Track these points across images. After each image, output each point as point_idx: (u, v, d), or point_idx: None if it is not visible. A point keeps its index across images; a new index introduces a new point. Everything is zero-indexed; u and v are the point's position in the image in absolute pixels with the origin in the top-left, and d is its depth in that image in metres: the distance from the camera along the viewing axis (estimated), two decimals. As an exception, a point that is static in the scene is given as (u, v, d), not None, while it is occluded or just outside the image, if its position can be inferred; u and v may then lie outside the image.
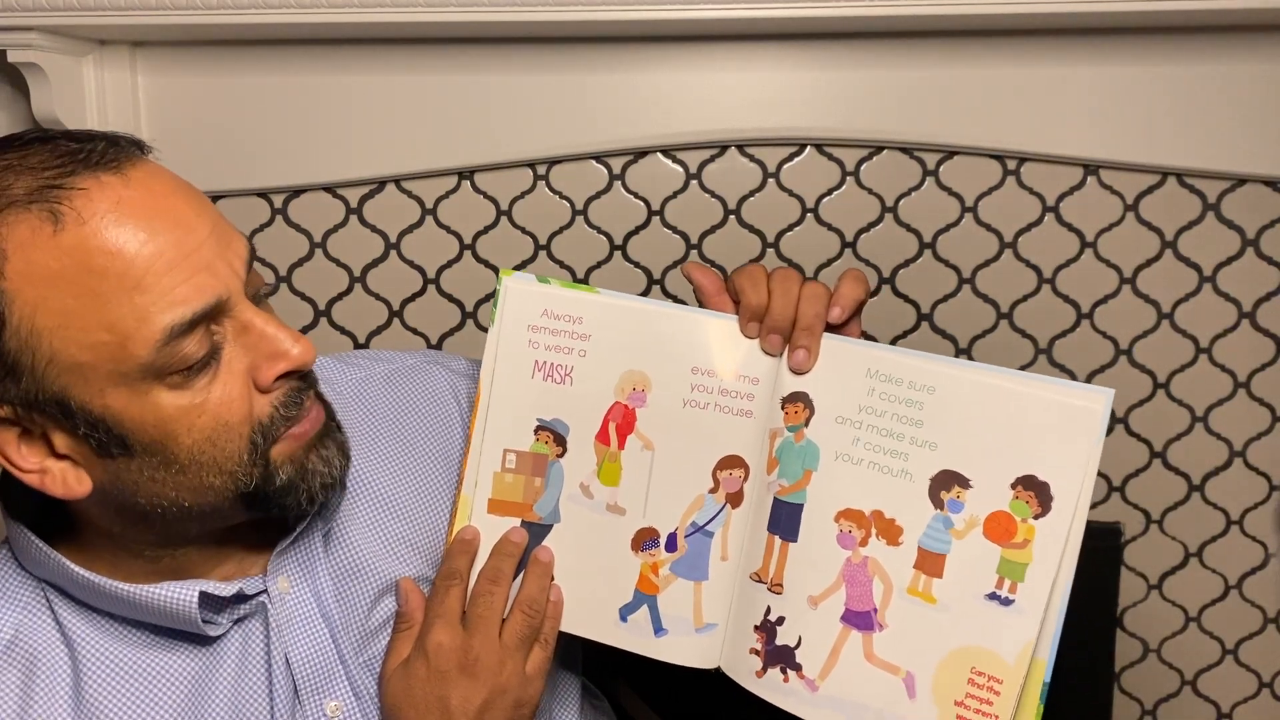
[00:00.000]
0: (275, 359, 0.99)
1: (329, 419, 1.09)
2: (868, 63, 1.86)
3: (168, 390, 0.95)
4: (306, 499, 1.05)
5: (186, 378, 0.95)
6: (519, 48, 1.88)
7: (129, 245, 0.91)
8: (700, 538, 1.18)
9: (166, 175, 0.97)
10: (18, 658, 1.03)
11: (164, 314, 0.92)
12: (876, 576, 1.10)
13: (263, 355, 0.99)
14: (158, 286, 0.92)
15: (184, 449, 0.97)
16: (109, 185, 0.92)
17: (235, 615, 1.09)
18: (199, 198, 0.98)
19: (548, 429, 1.19)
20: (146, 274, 0.91)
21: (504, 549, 1.18)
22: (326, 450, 1.06)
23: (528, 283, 1.19)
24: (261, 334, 0.99)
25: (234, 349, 0.98)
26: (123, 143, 0.98)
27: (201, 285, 0.94)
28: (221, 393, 0.97)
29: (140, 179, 0.94)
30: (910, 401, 1.09)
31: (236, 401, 0.98)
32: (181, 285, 0.93)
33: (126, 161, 0.95)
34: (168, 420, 0.96)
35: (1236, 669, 2.04)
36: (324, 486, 1.06)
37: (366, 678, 1.15)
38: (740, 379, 1.16)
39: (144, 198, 0.93)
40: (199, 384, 0.96)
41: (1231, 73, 1.81)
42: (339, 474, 1.08)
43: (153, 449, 0.97)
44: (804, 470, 1.14)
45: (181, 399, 0.96)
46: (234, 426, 0.98)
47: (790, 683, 1.13)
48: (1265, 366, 1.93)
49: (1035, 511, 1.04)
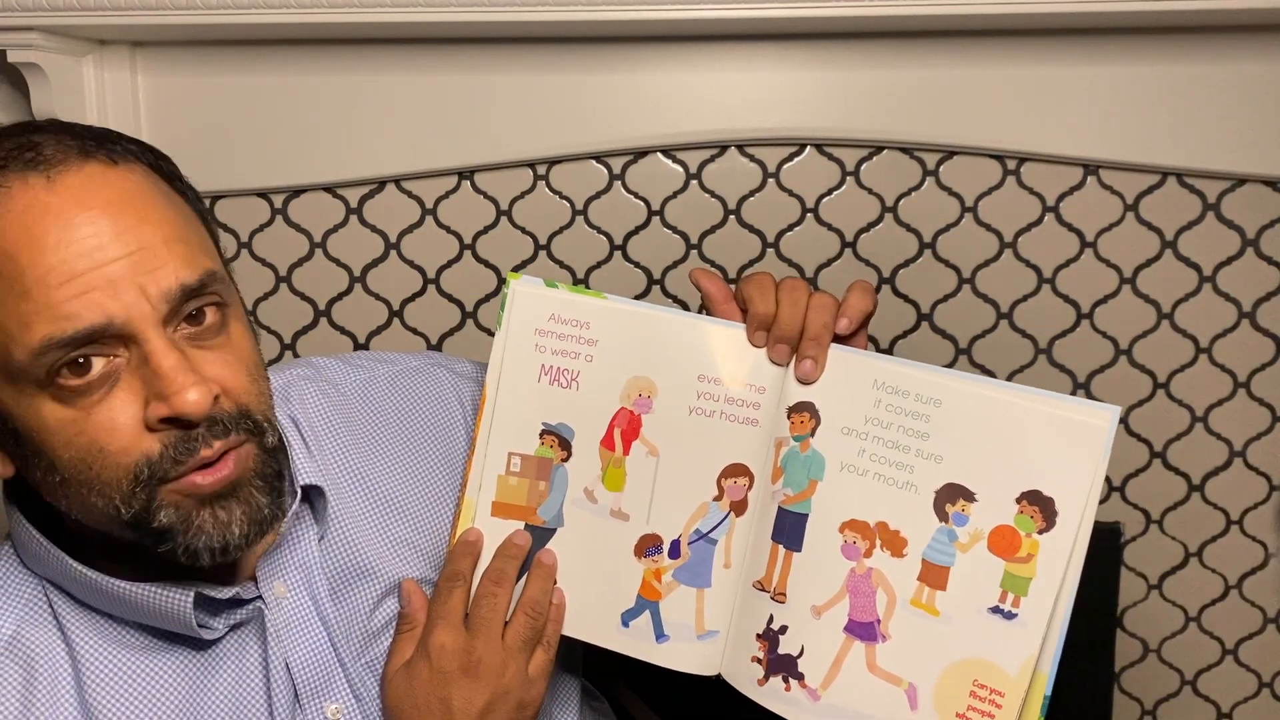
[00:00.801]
0: (160, 400, 0.94)
1: (253, 479, 1.02)
2: (868, 63, 1.86)
3: (51, 400, 0.93)
4: (185, 552, 0.99)
5: (74, 393, 0.93)
6: (519, 48, 1.88)
7: (25, 252, 0.90)
8: (704, 545, 1.18)
9: (112, 190, 0.95)
10: (19, 655, 1.03)
11: (44, 325, 0.91)
12: (880, 588, 1.10)
13: (153, 393, 0.94)
14: (46, 298, 0.90)
15: (63, 462, 0.95)
16: (32, 188, 0.92)
17: (232, 620, 1.09)
18: (144, 218, 0.95)
19: (553, 433, 1.19)
20: (36, 284, 0.90)
21: (507, 551, 1.19)
22: (225, 512, 1.00)
23: (536, 287, 1.18)
24: (156, 369, 0.94)
25: (131, 378, 0.95)
26: (115, 146, 0.97)
27: (93, 303, 0.91)
28: (104, 417, 0.94)
29: (70, 186, 0.93)
30: (916, 414, 1.09)
31: (119, 430, 0.94)
32: (71, 301, 0.91)
33: (70, 167, 0.94)
34: (48, 430, 0.94)
35: (1236, 669, 2.04)
36: (208, 549, 0.99)
37: (368, 679, 1.15)
38: (747, 388, 1.16)
39: (62, 207, 0.92)
40: (85, 402, 0.94)
41: (1231, 73, 1.82)
42: (235, 540, 1.00)
43: (38, 453, 0.96)
44: (809, 480, 1.14)
45: (64, 413, 0.94)
46: (111, 454, 0.95)
47: (792, 692, 1.14)
48: (1265, 366, 1.93)
49: (1040, 526, 1.04)
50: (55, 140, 0.95)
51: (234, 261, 1.99)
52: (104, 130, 1.00)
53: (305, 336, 2.03)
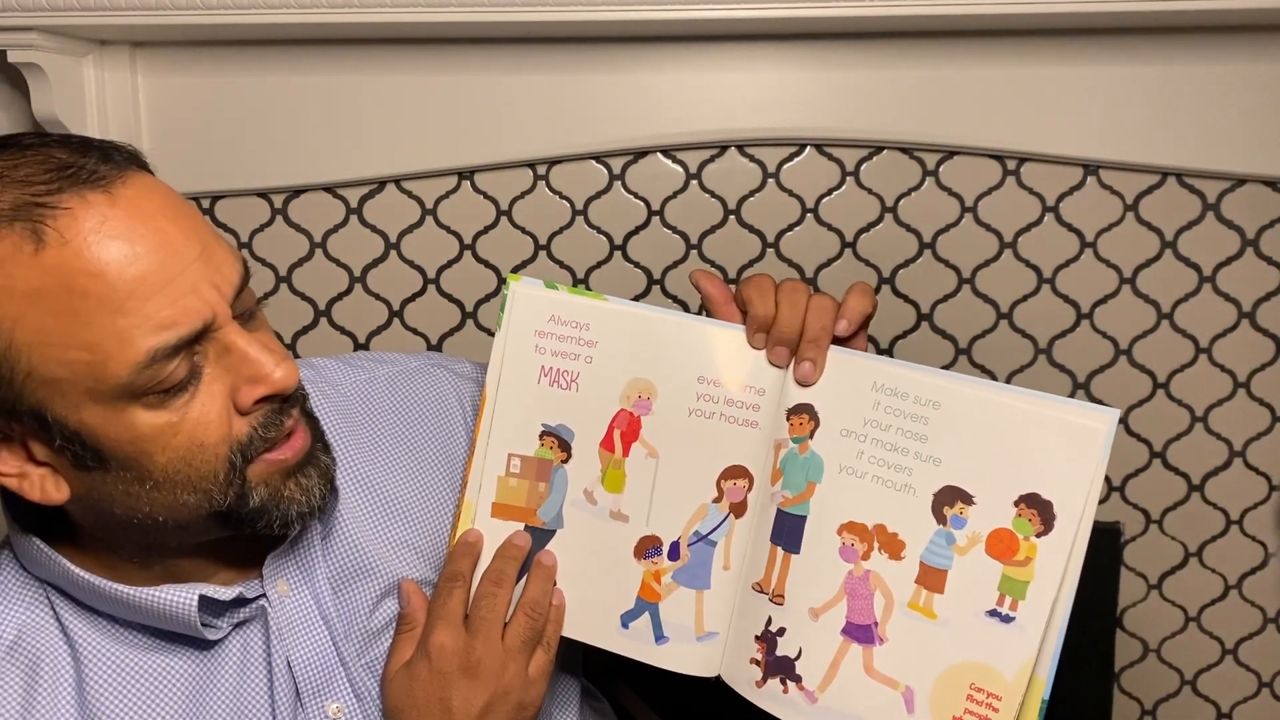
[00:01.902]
0: (255, 383, 0.98)
1: (315, 442, 1.08)
2: (868, 63, 1.86)
3: (144, 409, 0.94)
4: (280, 524, 1.04)
5: (164, 398, 0.94)
6: (519, 48, 1.88)
7: (111, 267, 0.90)
8: (703, 547, 1.18)
9: (158, 194, 0.96)
10: (21, 658, 1.03)
11: (147, 338, 0.91)
12: (878, 590, 1.10)
13: (243, 378, 0.98)
14: (141, 310, 0.91)
15: (159, 466, 0.96)
16: (94, 205, 0.91)
17: (235, 619, 1.09)
18: (190, 217, 0.97)
19: (553, 434, 1.20)
20: (129, 297, 0.90)
21: (507, 552, 1.19)
22: (306, 479, 1.06)
23: (536, 288, 1.19)
24: (243, 356, 0.98)
25: (215, 370, 0.97)
26: (117, 156, 0.96)
27: (187, 309, 0.93)
28: (199, 413, 0.96)
29: (129, 198, 0.93)
30: (915, 416, 1.09)
31: (214, 423, 0.97)
32: (166, 309, 0.92)
33: (117, 179, 0.93)
34: (143, 439, 0.95)
35: (1236, 669, 2.04)
36: (299, 515, 1.05)
37: (368, 679, 1.15)
38: (746, 389, 1.16)
39: (130, 218, 0.92)
40: (176, 404, 0.95)
41: (1231, 73, 1.81)
42: (318, 502, 1.06)
43: (128, 464, 0.96)
44: (808, 482, 1.14)
45: (158, 418, 0.95)
46: (210, 447, 0.98)
47: (790, 694, 1.14)
48: (1265, 366, 1.93)
49: (1038, 529, 1.04)
50: (76, 154, 0.94)
51: (234, 261, 1.99)
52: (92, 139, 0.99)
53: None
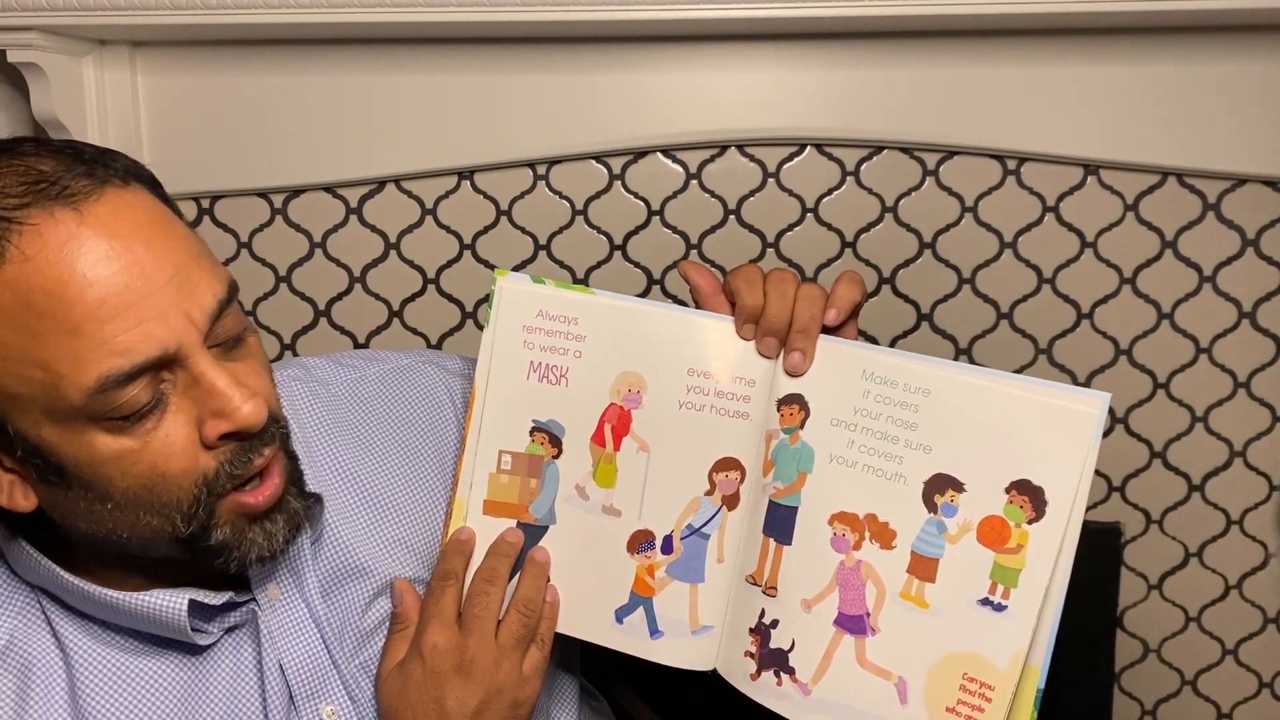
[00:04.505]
0: (219, 417, 0.95)
1: (290, 486, 1.05)
2: (868, 63, 1.86)
3: (104, 433, 0.92)
4: (237, 564, 1.02)
5: (125, 423, 0.92)
6: (519, 47, 1.89)
7: (71, 288, 0.88)
8: (696, 540, 1.18)
9: (134, 213, 0.94)
10: (13, 662, 1.03)
11: (100, 362, 0.89)
12: (869, 580, 1.10)
13: (209, 411, 0.95)
14: (98, 334, 0.89)
15: (119, 490, 0.95)
16: (62, 222, 0.89)
17: (226, 624, 1.09)
18: (169, 238, 0.95)
19: (543, 430, 1.19)
20: (87, 319, 0.89)
21: (500, 549, 1.18)
22: (272, 524, 1.03)
23: (523, 283, 1.19)
24: (210, 389, 0.95)
25: (182, 400, 0.95)
26: (103, 170, 0.94)
27: (147, 335, 0.91)
28: (162, 443, 0.94)
29: (101, 217, 0.91)
30: (905, 404, 1.09)
31: (178, 454, 0.95)
32: (124, 334, 0.90)
33: (91, 196, 0.91)
34: (101, 461, 0.94)
35: (1236, 669, 2.04)
36: (259, 559, 1.03)
37: (362, 680, 1.15)
38: (736, 381, 1.16)
39: (98, 238, 0.90)
40: (139, 430, 0.93)
41: (1231, 73, 1.81)
42: (280, 547, 1.04)
43: (88, 484, 0.95)
44: (799, 472, 1.13)
45: (118, 443, 0.93)
46: (172, 477, 0.96)
47: (784, 686, 1.13)
48: (1265, 366, 1.93)
49: (1029, 516, 1.03)
50: (61, 166, 0.93)
51: (234, 262, 2.00)
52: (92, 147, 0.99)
53: (305, 336, 2.03)
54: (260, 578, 1.10)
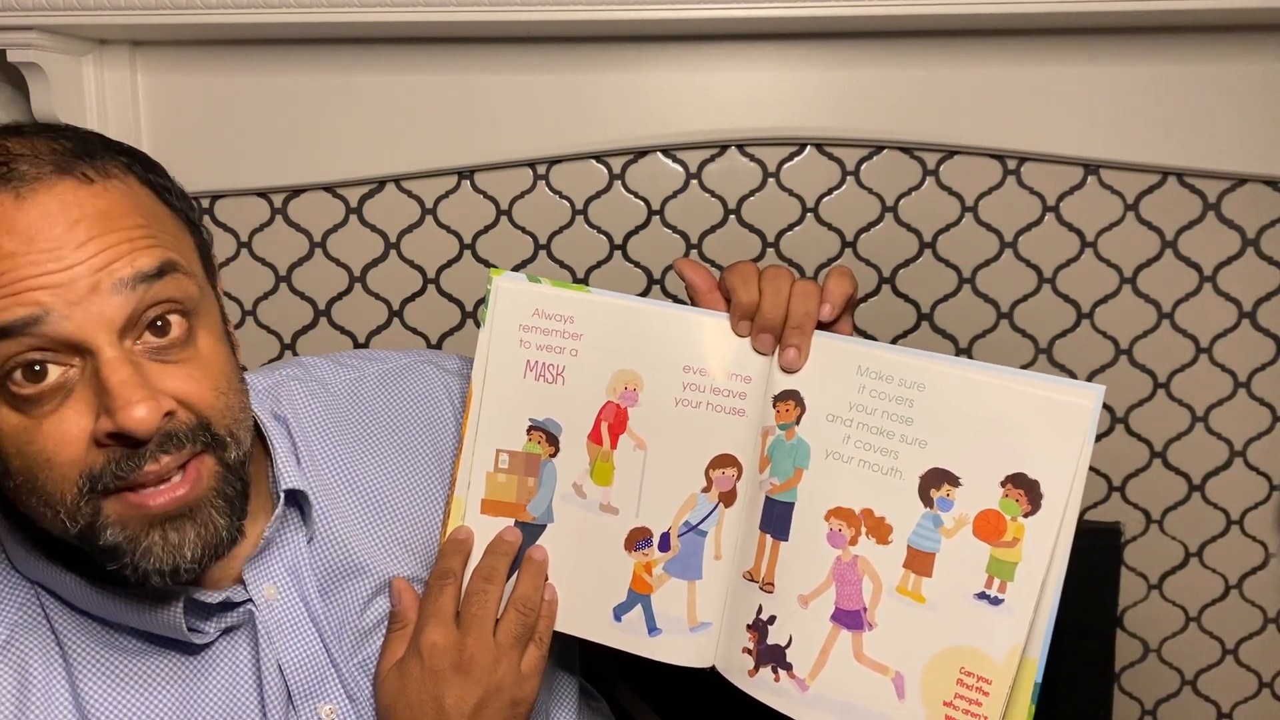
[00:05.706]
0: (107, 415, 0.92)
1: (215, 499, 1.00)
2: (868, 63, 1.86)
3: (7, 406, 0.92)
4: (135, 574, 0.96)
5: (28, 401, 0.92)
6: (519, 48, 1.89)
7: None
8: (693, 537, 1.18)
9: (80, 209, 0.93)
10: (13, 657, 1.03)
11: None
12: (866, 575, 1.10)
13: (102, 407, 0.92)
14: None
15: (15, 470, 0.94)
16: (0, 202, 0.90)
17: (223, 624, 1.09)
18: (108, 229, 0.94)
19: (540, 429, 1.19)
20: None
21: (498, 548, 1.19)
22: (177, 533, 0.97)
23: (518, 282, 1.19)
24: (104, 385, 0.92)
25: (84, 390, 0.93)
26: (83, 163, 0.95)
27: (29, 302, 0.90)
28: (55, 428, 0.92)
29: (38, 204, 0.91)
30: (900, 399, 1.09)
31: (69, 443, 0.93)
32: (8, 298, 0.89)
33: (39, 186, 0.92)
34: (2, 435, 0.93)
35: (1236, 669, 2.04)
36: (159, 571, 0.96)
37: (360, 679, 1.15)
38: (732, 377, 1.16)
39: (28, 223, 0.90)
40: (38, 411, 0.92)
41: (1231, 73, 1.81)
42: (185, 564, 0.97)
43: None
44: (795, 468, 1.14)
45: (18, 420, 0.93)
46: (58, 466, 0.93)
47: (781, 682, 1.13)
48: (1265, 366, 1.93)
49: (1025, 510, 1.03)
50: (33, 153, 0.93)
51: (234, 261, 2.00)
52: (93, 138, 0.99)
53: (305, 336, 2.03)
54: (257, 577, 1.10)
